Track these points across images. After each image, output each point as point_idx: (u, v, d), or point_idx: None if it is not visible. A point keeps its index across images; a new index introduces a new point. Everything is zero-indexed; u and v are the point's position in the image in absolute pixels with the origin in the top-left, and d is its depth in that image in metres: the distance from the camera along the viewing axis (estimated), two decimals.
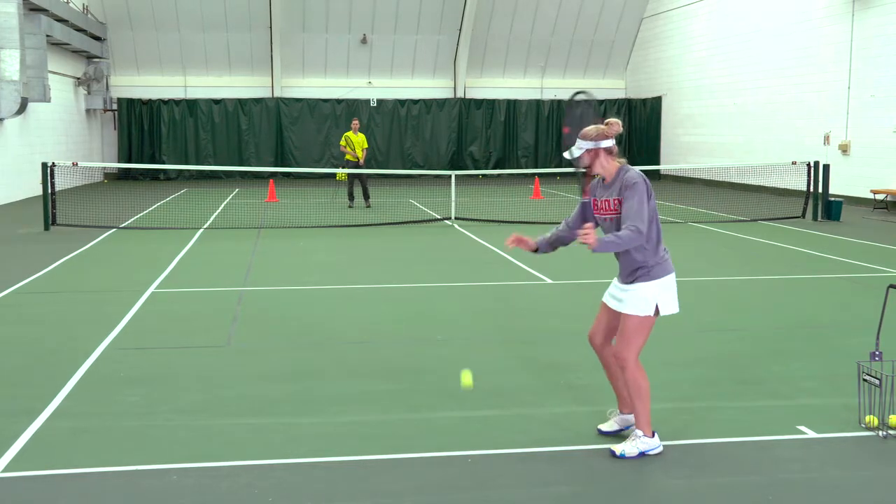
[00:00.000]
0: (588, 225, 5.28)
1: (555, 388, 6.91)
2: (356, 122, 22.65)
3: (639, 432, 5.41)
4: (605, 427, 5.81)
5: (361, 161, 21.86)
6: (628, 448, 5.38)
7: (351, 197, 22.06)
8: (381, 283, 11.63)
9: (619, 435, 5.72)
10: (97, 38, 30.95)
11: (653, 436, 5.42)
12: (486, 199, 24.42)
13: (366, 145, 22.16)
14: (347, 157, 22.01)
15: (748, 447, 5.62)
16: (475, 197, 25.05)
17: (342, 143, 22.16)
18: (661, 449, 5.44)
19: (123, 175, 32.92)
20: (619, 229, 5.35)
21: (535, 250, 5.92)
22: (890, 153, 21.17)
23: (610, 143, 5.44)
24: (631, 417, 5.70)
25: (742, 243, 15.57)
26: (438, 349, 8.18)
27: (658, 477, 5.19)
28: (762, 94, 26.63)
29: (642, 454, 5.39)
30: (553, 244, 5.86)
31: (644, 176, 5.46)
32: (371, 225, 18.24)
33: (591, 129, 5.45)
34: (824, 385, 6.94)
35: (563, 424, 6.04)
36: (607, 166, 5.50)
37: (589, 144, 5.44)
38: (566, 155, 5.53)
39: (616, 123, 5.43)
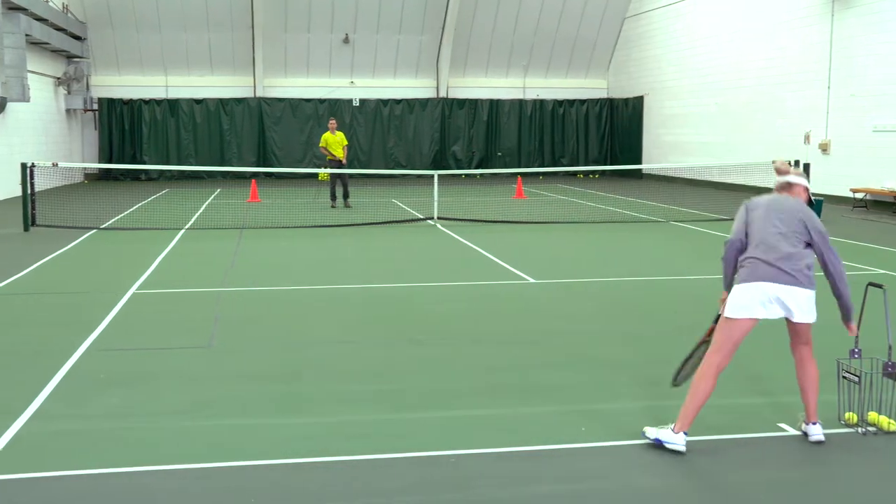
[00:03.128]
0: None
1: (537, 388, 6.91)
2: (333, 121, 22.60)
3: (671, 425, 5.52)
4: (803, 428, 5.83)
5: (343, 160, 21.87)
6: (650, 430, 5.57)
7: (333, 197, 22.09)
8: (364, 283, 11.61)
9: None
10: (77, 38, 30.76)
11: (678, 433, 5.46)
12: (468, 199, 24.43)
13: (345, 143, 22.14)
14: (328, 157, 22.05)
15: (729, 444, 5.65)
16: (458, 197, 25.06)
17: (321, 144, 22.15)
18: (682, 448, 5.44)
19: (104, 175, 32.74)
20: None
21: None
22: (869, 152, 21.31)
23: (780, 178, 6.11)
24: (808, 428, 5.72)
25: (723, 242, 15.59)
26: (421, 349, 8.18)
27: (639, 475, 5.20)
28: (743, 94, 26.76)
29: (659, 442, 5.48)
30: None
31: (749, 203, 6.06)
32: (354, 225, 18.22)
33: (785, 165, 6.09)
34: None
35: (546, 424, 6.05)
36: None
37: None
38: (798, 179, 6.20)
39: (782, 164, 6.14)
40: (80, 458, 5.42)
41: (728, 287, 5.80)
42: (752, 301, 5.52)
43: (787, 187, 6.14)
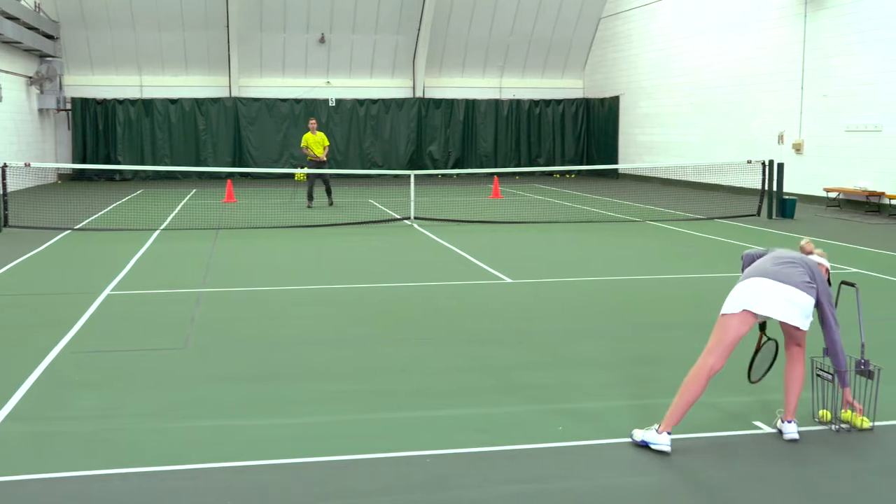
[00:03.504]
0: None
1: (513, 387, 6.93)
2: (313, 121, 22.67)
3: (657, 426, 5.54)
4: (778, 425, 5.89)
5: (324, 158, 21.97)
6: (637, 432, 5.59)
7: (311, 197, 22.04)
8: (340, 283, 11.59)
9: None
10: (50, 37, 30.51)
11: (662, 433, 5.47)
12: (445, 199, 24.44)
13: (326, 143, 22.23)
14: (308, 157, 22.09)
15: (704, 442, 5.68)
16: (434, 197, 25.07)
17: (302, 145, 22.25)
18: (667, 448, 5.44)
19: (78, 176, 32.50)
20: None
21: None
22: (842, 152, 21.50)
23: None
24: (783, 426, 5.77)
25: (699, 241, 15.72)
26: (398, 349, 8.17)
27: (615, 474, 5.22)
28: (718, 94, 26.92)
29: (644, 444, 5.49)
30: None
31: (758, 253, 6.10)
32: (330, 225, 18.18)
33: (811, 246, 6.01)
34: (779, 380, 7.01)
35: (521, 423, 6.06)
36: None
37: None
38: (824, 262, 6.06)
39: (809, 245, 6.00)
40: (56, 461, 5.38)
41: None
42: (744, 295, 5.56)
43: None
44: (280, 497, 4.89)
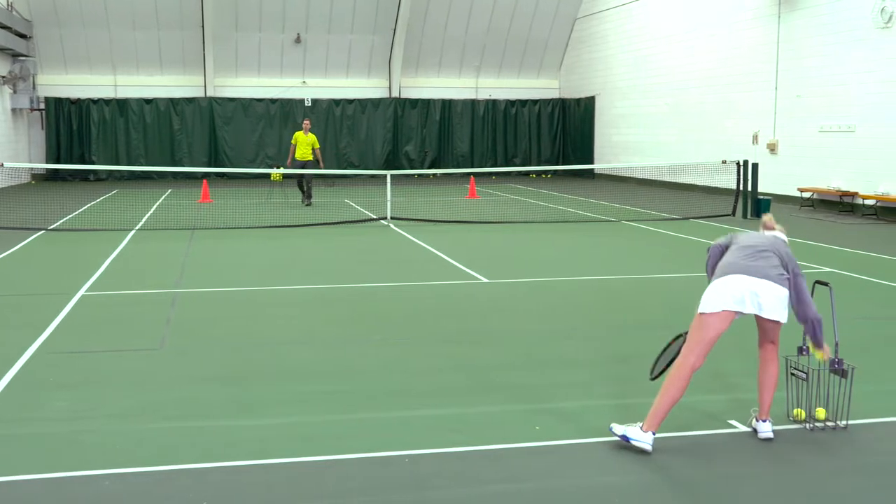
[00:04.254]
0: None
1: (491, 387, 6.94)
2: (307, 122, 23.36)
3: (640, 423, 5.52)
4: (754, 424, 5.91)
5: (320, 161, 22.77)
6: (617, 427, 5.56)
7: (302, 190, 22.82)
8: (317, 283, 11.57)
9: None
10: (23, 36, 30.24)
11: (647, 432, 5.46)
12: (421, 199, 24.44)
13: (317, 145, 22.78)
14: (297, 156, 22.62)
15: (680, 441, 5.71)
16: (411, 197, 25.06)
17: (293, 142, 22.80)
18: (646, 447, 5.44)
19: (52, 176, 32.23)
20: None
21: None
22: (816, 152, 21.68)
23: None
24: (758, 425, 5.79)
25: (674, 241, 15.81)
26: (375, 349, 8.16)
27: (591, 474, 5.25)
28: (693, 95, 27.08)
29: (625, 439, 5.47)
30: None
31: (723, 240, 6.10)
32: (306, 225, 18.13)
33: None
34: (753, 380, 7.06)
35: (499, 423, 6.08)
36: None
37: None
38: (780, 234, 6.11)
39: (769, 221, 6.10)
40: (29, 463, 5.34)
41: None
42: (724, 294, 5.57)
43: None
44: (258, 498, 4.87)
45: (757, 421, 5.82)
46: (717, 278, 5.69)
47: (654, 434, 5.48)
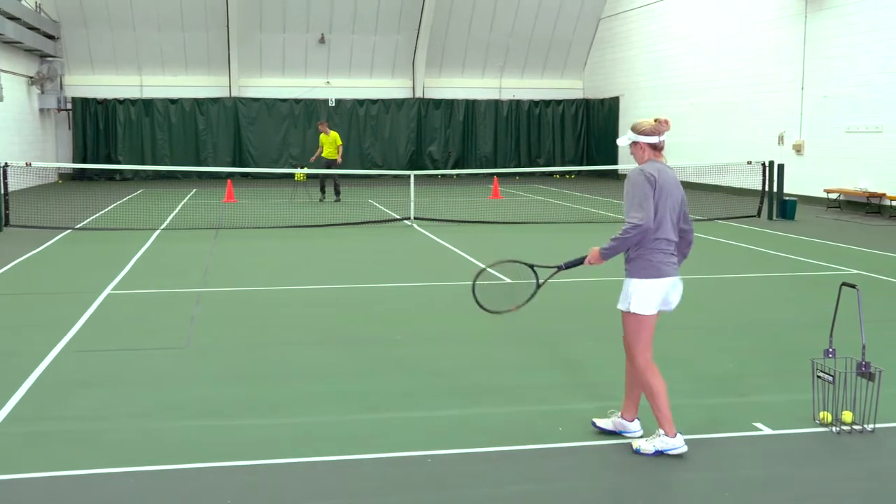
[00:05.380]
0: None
1: (513, 388, 6.92)
2: (321, 123, 24.04)
3: (660, 431, 5.41)
4: (600, 422, 5.83)
5: (338, 160, 23.28)
6: (644, 445, 5.42)
7: (323, 191, 23.58)
8: (340, 283, 11.59)
9: (619, 436, 5.73)
10: (51, 37, 30.51)
11: (675, 436, 5.39)
12: (445, 199, 24.43)
13: (339, 143, 23.45)
14: (324, 154, 23.35)
15: (705, 444, 5.67)
16: (434, 197, 25.06)
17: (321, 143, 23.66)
18: (683, 449, 5.39)
19: (78, 175, 32.50)
20: None
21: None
22: (842, 153, 21.49)
23: (656, 139, 5.46)
24: (628, 424, 5.72)
25: (699, 242, 15.62)
26: (396, 349, 8.16)
27: (612, 475, 5.22)
28: (717, 95, 26.91)
29: (659, 452, 5.38)
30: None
31: (651, 173, 5.38)
32: (330, 225, 18.17)
33: (642, 122, 5.50)
34: (779, 382, 7.03)
35: (520, 424, 6.06)
36: (644, 161, 5.51)
37: (636, 137, 5.47)
38: (619, 141, 5.64)
39: (666, 122, 5.50)
40: (55, 460, 5.38)
41: (607, 255, 5.57)
42: (664, 296, 5.53)
43: (662, 147, 5.56)
44: (279, 496, 4.89)
45: (620, 417, 5.78)
46: (657, 277, 5.53)
47: (679, 433, 5.44)
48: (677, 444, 5.40)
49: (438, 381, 7.13)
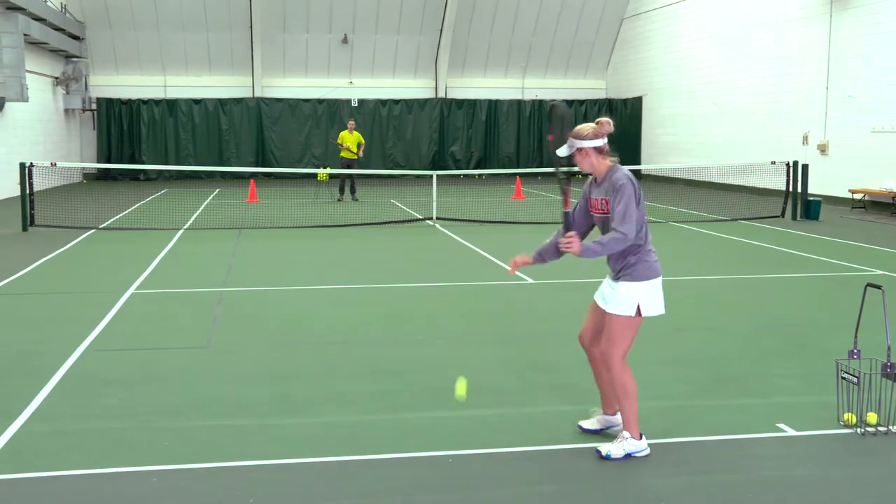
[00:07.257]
0: (570, 234, 5.38)
1: (536, 388, 6.91)
2: (351, 122, 24.67)
3: (626, 434, 5.39)
4: (586, 424, 5.82)
5: (359, 156, 23.80)
6: (614, 449, 5.37)
7: (342, 191, 23.96)
8: (362, 283, 11.60)
9: (605, 434, 5.72)
10: (75, 38, 30.74)
11: (640, 438, 5.41)
12: (467, 199, 24.42)
13: (362, 141, 24.00)
14: (343, 153, 23.71)
15: (728, 445, 5.64)
16: (456, 197, 25.06)
17: (338, 140, 23.97)
18: (647, 451, 5.42)
19: (103, 175, 32.74)
20: (607, 230, 5.35)
21: (539, 262, 5.84)
22: (867, 153, 21.32)
23: (600, 142, 5.44)
24: (612, 419, 5.71)
25: (723, 243, 15.63)
26: (419, 349, 8.17)
27: (639, 476, 5.19)
28: (741, 95, 26.76)
29: (628, 455, 5.38)
30: (542, 255, 5.77)
31: (632, 177, 5.46)
32: (352, 225, 18.21)
33: (582, 127, 5.43)
34: (803, 383, 6.98)
35: (544, 424, 6.04)
36: (597, 165, 5.55)
37: (580, 143, 5.41)
38: (559, 152, 5.54)
39: (607, 123, 5.45)
40: (79, 459, 5.41)
41: (586, 254, 5.32)
42: (659, 302, 5.57)
43: (607, 151, 5.63)
44: (301, 496, 4.89)
45: (604, 415, 5.78)
46: (654, 278, 5.49)
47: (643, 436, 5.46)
48: (644, 447, 5.42)
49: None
